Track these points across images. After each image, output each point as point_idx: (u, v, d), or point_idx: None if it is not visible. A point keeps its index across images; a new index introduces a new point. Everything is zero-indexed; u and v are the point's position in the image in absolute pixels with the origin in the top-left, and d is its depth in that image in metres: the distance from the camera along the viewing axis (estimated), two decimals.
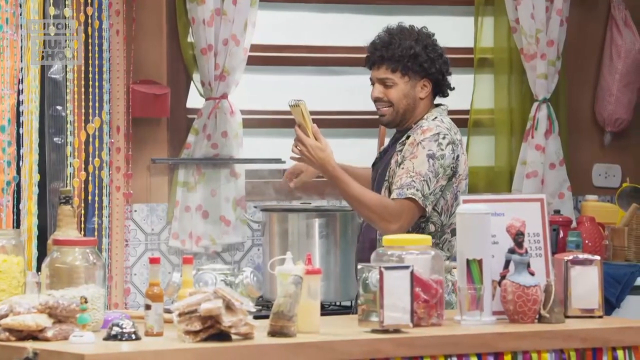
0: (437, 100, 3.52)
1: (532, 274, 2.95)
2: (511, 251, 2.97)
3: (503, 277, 2.97)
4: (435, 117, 3.41)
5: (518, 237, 2.95)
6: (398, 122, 3.44)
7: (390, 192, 3.32)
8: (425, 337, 2.76)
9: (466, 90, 4.92)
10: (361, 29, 4.87)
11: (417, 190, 3.28)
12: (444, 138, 3.34)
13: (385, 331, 2.74)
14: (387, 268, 2.76)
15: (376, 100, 3.45)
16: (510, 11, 4.83)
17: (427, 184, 3.28)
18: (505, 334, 2.84)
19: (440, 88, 3.47)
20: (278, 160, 4.60)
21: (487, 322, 2.92)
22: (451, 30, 4.97)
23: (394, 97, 3.40)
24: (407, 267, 2.78)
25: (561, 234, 4.46)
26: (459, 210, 2.99)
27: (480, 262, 2.93)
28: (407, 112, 3.42)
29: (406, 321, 2.75)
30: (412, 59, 3.40)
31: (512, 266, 2.97)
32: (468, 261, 2.93)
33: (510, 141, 4.89)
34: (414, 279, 2.79)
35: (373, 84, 3.46)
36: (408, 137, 3.38)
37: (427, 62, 3.41)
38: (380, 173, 3.45)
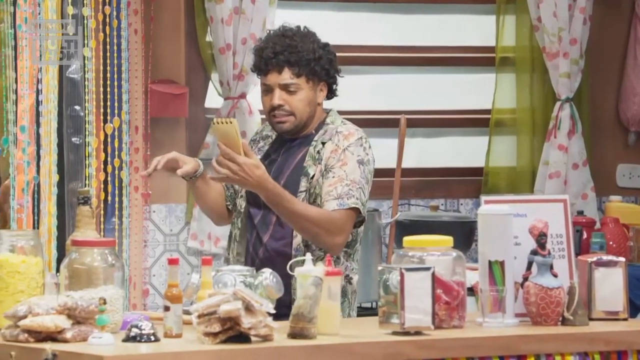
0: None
1: (555, 275, 2.93)
2: (534, 252, 2.94)
3: (525, 278, 2.94)
4: (342, 121, 3.28)
5: (541, 239, 2.92)
6: (298, 130, 3.23)
7: (313, 203, 3.16)
8: (446, 339, 2.73)
9: (487, 89, 4.89)
10: (380, 28, 4.86)
11: (357, 198, 3.13)
12: (365, 142, 3.23)
13: (406, 333, 2.72)
14: (408, 269, 2.74)
15: (276, 107, 3.21)
16: (533, 9, 4.80)
17: (362, 191, 3.16)
18: (528, 337, 2.81)
19: (332, 90, 3.30)
20: None
21: (510, 324, 2.90)
22: (472, 29, 4.95)
23: (298, 105, 3.20)
24: (428, 269, 2.76)
25: (585, 235, 4.43)
26: (480, 211, 2.96)
27: (502, 263, 2.90)
28: (308, 119, 3.22)
29: (427, 323, 2.73)
30: (316, 62, 3.20)
31: (534, 268, 2.94)
32: (490, 262, 2.91)
33: (533, 141, 4.87)
34: (435, 281, 2.76)
35: (268, 90, 3.23)
36: (324, 144, 3.21)
37: (327, 64, 3.23)
38: (287, 185, 3.17)
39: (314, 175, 3.19)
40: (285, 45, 3.21)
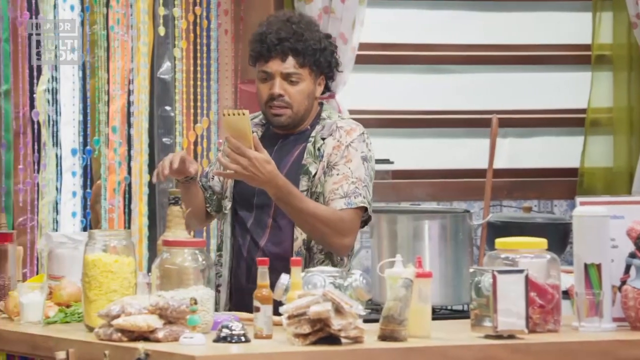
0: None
1: None
2: (632, 255, 2.86)
3: (623, 282, 2.87)
4: (339, 116, 3.14)
5: (639, 241, 2.85)
6: (294, 125, 3.07)
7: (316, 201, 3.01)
8: (541, 343, 2.67)
9: (582, 88, 4.80)
10: (471, 27, 4.80)
11: (364, 197, 3.00)
12: (367, 137, 3.08)
13: (499, 337, 2.68)
14: (500, 272, 2.69)
15: (276, 97, 3.03)
16: (631, 6, 4.69)
17: (367, 189, 3.03)
18: (627, 342, 2.74)
19: (327, 86, 3.13)
20: (386, 161, 4.55)
21: (607, 328, 2.83)
22: (567, 27, 4.86)
23: (297, 97, 3.03)
24: (521, 271, 2.71)
25: None
26: (576, 212, 2.89)
27: (599, 266, 2.84)
28: (305, 113, 3.06)
29: (521, 327, 2.67)
30: (321, 53, 3.03)
31: (633, 271, 2.87)
32: (586, 265, 2.84)
33: (630, 141, 4.76)
34: (529, 284, 2.71)
35: (268, 78, 3.04)
36: (324, 139, 3.05)
37: (330, 56, 3.06)
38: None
39: (315, 174, 3.05)
40: (290, 31, 3.04)
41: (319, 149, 3.06)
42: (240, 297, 3.05)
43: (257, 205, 3.08)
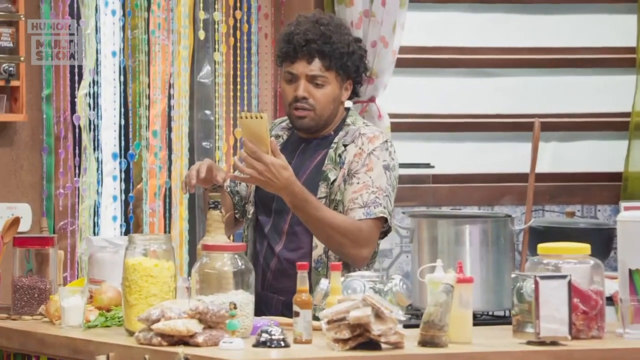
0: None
1: None
2: None
3: None
4: (364, 122, 3.06)
5: None
6: (317, 129, 3.01)
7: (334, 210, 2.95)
8: (584, 350, 2.65)
9: (627, 91, 4.75)
10: (514, 30, 4.77)
11: (384, 207, 2.92)
12: (391, 145, 3.00)
13: (542, 343, 2.65)
14: (542, 277, 2.67)
15: (300, 99, 2.97)
16: None
17: (389, 199, 2.95)
18: None
19: (355, 91, 3.06)
20: (427, 165, 4.53)
21: None
22: (611, 29, 4.81)
23: (321, 100, 2.96)
24: (564, 277, 2.68)
25: None
26: (620, 217, 2.86)
27: None
28: (329, 118, 2.99)
29: (564, 333, 2.65)
30: (349, 57, 2.96)
31: None
32: (631, 271, 2.81)
33: None
34: (572, 289, 2.68)
35: (293, 80, 2.98)
36: (346, 146, 2.98)
37: (358, 61, 2.99)
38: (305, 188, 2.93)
39: (334, 180, 2.99)
40: (318, 33, 2.97)
41: (340, 156, 3.01)
42: (256, 304, 3.02)
43: (276, 210, 3.05)
